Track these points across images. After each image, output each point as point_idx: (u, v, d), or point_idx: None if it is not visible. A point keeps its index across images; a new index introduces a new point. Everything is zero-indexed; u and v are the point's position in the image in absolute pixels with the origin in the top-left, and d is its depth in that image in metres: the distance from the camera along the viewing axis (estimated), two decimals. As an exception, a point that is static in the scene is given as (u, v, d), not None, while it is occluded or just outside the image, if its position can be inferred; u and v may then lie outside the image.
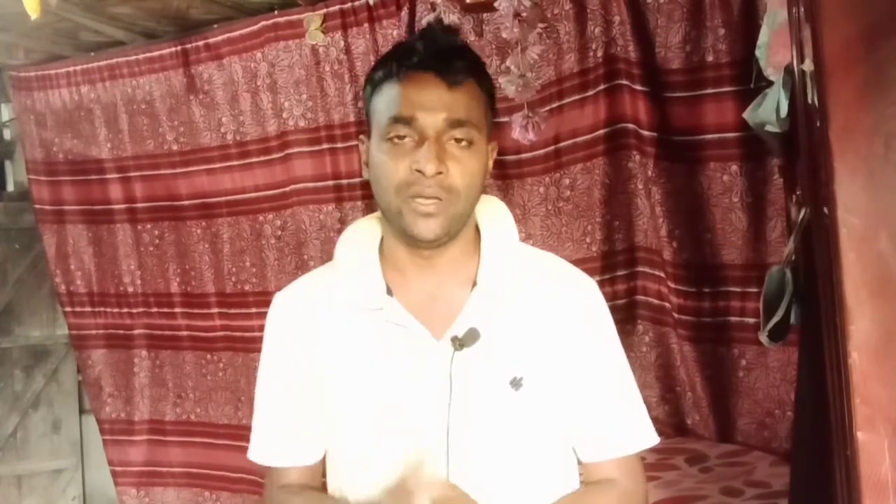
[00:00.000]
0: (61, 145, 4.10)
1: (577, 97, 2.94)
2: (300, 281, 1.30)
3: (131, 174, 3.94)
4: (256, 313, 3.65)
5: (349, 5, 3.26)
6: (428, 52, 1.15)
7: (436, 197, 1.12)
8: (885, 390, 0.88)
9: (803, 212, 1.57)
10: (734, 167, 2.69)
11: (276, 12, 3.42)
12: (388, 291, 1.20)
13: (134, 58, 3.79)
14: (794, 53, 1.39)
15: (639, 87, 2.78)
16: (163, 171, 3.85)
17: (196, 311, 3.88)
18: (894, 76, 0.87)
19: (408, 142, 1.13)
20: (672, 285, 2.80)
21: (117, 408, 4.14)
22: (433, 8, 2.72)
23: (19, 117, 4.25)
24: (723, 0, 2.63)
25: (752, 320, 2.65)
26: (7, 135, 4.70)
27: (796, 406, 1.95)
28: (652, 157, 2.78)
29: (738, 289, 2.73)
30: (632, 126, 2.83)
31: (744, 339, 2.72)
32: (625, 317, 2.91)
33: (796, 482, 1.79)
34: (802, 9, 1.07)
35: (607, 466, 1.23)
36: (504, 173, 3.08)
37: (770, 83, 1.91)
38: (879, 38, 0.87)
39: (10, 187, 4.71)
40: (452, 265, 1.21)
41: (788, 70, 1.67)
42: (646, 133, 2.79)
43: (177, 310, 3.93)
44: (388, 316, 1.18)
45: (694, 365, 2.81)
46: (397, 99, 1.14)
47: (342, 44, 3.31)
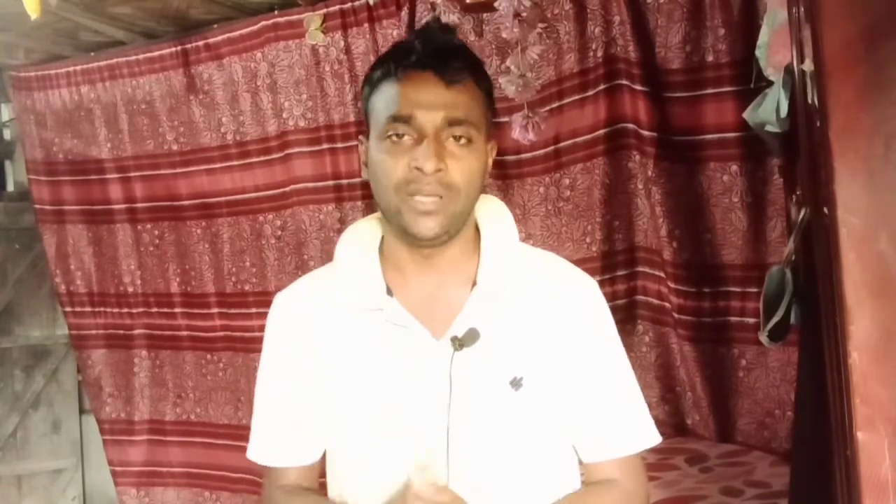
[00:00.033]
0: (61, 145, 4.10)
1: (577, 97, 2.94)
2: (301, 281, 1.30)
3: (131, 174, 3.94)
4: (256, 313, 3.65)
5: (349, 5, 3.26)
6: (426, 50, 1.15)
7: (435, 194, 1.12)
8: (885, 390, 0.88)
9: (803, 212, 1.57)
10: (734, 167, 2.69)
11: (276, 12, 3.42)
12: (389, 291, 1.19)
13: (134, 58, 3.79)
14: (794, 53, 1.39)
15: (639, 87, 2.78)
16: (163, 171, 3.85)
17: (196, 311, 3.88)
18: (894, 76, 0.87)
19: (406, 140, 1.13)
20: (672, 285, 2.80)
21: (117, 408, 4.14)
22: (433, 8, 2.73)
23: (19, 117, 4.25)
24: (723, 0, 2.63)
25: (752, 320, 2.65)
26: (7, 135, 4.70)
27: (796, 406, 1.95)
28: (652, 157, 2.79)
29: (738, 289, 2.73)
30: (632, 126, 2.84)
31: (744, 339, 2.72)
32: (625, 317, 2.91)
33: (796, 482, 1.79)
34: (802, 9, 1.07)
35: (608, 466, 1.22)
36: (504, 173, 3.08)
37: (770, 83, 1.91)
38: (879, 38, 0.88)
39: (10, 187, 4.71)
40: (452, 265, 1.20)
41: (788, 70, 1.67)
42: (646, 133, 2.79)
43: (177, 310, 3.93)
44: (388, 316, 1.18)
45: (694, 365, 2.81)
46: (396, 98, 1.14)
47: (342, 44, 3.31)
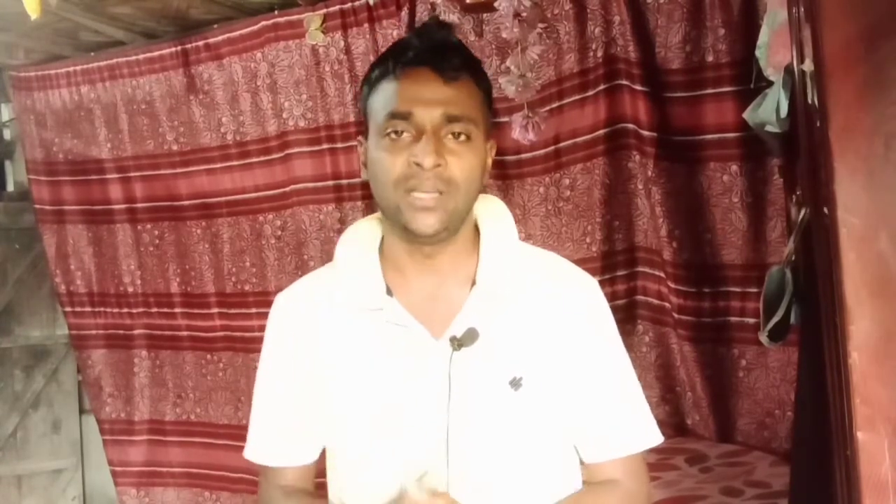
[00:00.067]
0: (61, 145, 4.10)
1: (577, 97, 2.94)
2: (302, 281, 1.30)
3: (131, 174, 3.94)
4: (256, 313, 3.65)
5: (349, 5, 3.26)
6: (424, 47, 1.15)
7: (435, 190, 1.11)
8: (885, 390, 0.88)
9: (803, 212, 1.57)
10: (734, 167, 2.69)
11: (276, 12, 3.42)
12: (388, 291, 1.19)
13: (134, 58, 3.79)
14: (794, 53, 1.39)
15: (639, 87, 2.78)
16: (163, 171, 3.85)
17: (196, 311, 3.88)
18: (894, 76, 0.87)
19: (405, 137, 1.13)
20: (672, 285, 2.80)
21: (117, 408, 4.14)
22: (433, 8, 2.73)
23: (19, 117, 4.25)
24: (723, 0, 2.63)
25: (752, 320, 2.65)
26: (7, 135, 4.70)
27: (796, 406, 1.95)
28: (652, 157, 2.78)
29: (738, 289, 2.73)
30: (632, 126, 2.83)
31: (744, 339, 2.72)
32: (625, 317, 2.91)
33: (796, 482, 1.79)
34: (802, 9, 1.07)
35: (610, 467, 1.22)
36: (504, 173, 3.08)
37: (770, 83, 1.91)
38: (879, 38, 0.88)
39: (10, 187, 4.71)
40: (452, 265, 1.20)
41: (788, 70, 1.67)
42: (646, 133, 2.79)
43: (177, 310, 3.93)
44: (388, 316, 1.18)
45: (694, 365, 2.81)
46: (394, 95, 1.14)
47: (342, 44, 3.31)
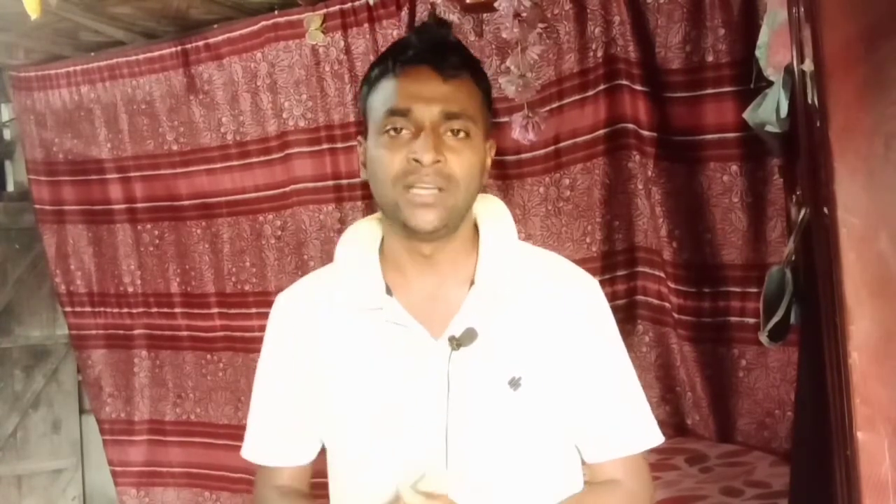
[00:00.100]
0: (61, 145, 4.10)
1: (577, 97, 2.94)
2: (302, 281, 1.30)
3: (131, 174, 3.94)
4: (256, 313, 3.65)
5: (349, 5, 3.26)
6: (423, 45, 1.15)
7: (434, 186, 1.11)
8: (885, 390, 0.88)
9: (803, 212, 1.57)
10: (734, 167, 2.69)
11: (276, 12, 3.42)
12: (388, 291, 1.19)
13: (134, 58, 3.78)
14: (794, 53, 1.39)
15: (639, 88, 2.78)
16: (163, 171, 3.85)
17: (196, 311, 3.88)
18: (894, 76, 0.87)
19: (405, 134, 1.13)
20: (672, 285, 2.80)
21: (117, 408, 4.14)
22: (433, 8, 2.73)
23: (19, 117, 4.25)
24: (723, 0, 2.63)
25: (752, 320, 2.65)
26: (7, 135, 4.70)
27: (796, 406, 1.95)
28: (652, 157, 2.78)
29: (738, 289, 2.73)
30: (632, 126, 2.83)
31: (744, 339, 2.72)
32: (625, 317, 2.91)
33: (796, 482, 1.79)
34: (802, 9, 1.07)
35: (611, 467, 1.22)
36: (504, 173, 3.08)
37: (770, 83, 1.91)
38: (879, 38, 0.87)
39: (10, 187, 4.71)
40: (452, 264, 1.20)
41: (788, 70, 1.67)
42: (646, 133, 2.79)
43: (177, 310, 3.93)
44: (388, 316, 1.18)
45: (694, 365, 2.81)
46: (393, 92, 1.14)
47: (342, 44, 3.31)
